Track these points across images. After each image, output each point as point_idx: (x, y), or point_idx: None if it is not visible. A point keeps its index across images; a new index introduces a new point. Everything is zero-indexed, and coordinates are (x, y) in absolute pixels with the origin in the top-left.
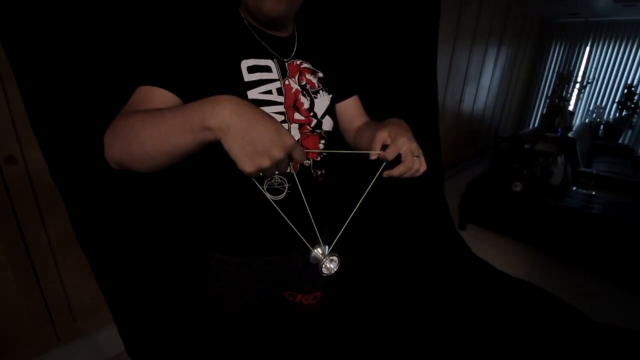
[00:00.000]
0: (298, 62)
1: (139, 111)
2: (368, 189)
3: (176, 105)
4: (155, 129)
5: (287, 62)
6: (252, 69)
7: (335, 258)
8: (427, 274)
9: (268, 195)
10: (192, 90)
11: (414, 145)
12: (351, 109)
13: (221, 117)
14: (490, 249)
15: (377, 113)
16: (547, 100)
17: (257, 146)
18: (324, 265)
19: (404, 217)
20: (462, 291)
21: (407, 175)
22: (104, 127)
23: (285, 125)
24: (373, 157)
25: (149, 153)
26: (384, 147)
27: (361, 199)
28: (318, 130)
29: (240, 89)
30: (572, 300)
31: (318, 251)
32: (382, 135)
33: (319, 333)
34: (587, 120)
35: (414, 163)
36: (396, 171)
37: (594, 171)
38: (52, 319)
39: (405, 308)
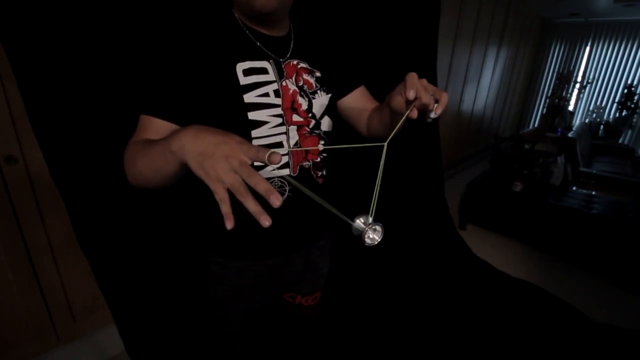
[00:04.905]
0: (295, 62)
1: (137, 142)
2: (396, 130)
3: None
4: (145, 158)
5: (283, 62)
6: (247, 72)
7: (378, 227)
8: (427, 273)
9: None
10: (188, 106)
11: (424, 81)
12: (358, 100)
13: (178, 139)
14: (490, 249)
15: None
16: (547, 100)
17: (207, 154)
18: (367, 236)
19: (404, 216)
20: (462, 291)
21: (431, 106)
22: (104, 127)
23: (284, 128)
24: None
25: (146, 178)
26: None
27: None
28: (317, 131)
29: (236, 92)
30: (572, 300)
31: (360, 221)
32: (396, 92)
33: (319, 333)
34: (587, 120)
35: (431, 94)
36: (415, 109)
37: (594, 171)
38: (52, 319)
39: (405, 308)
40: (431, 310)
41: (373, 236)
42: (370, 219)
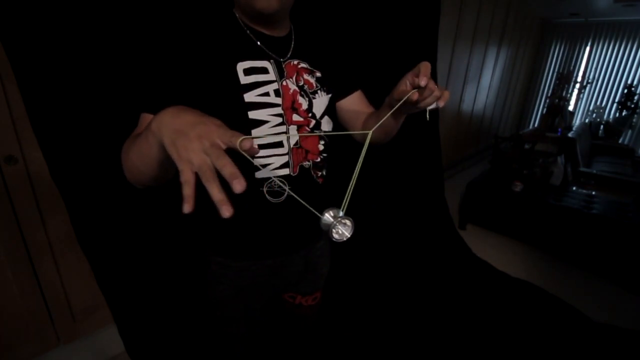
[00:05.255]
0: (295, 62)
1: (132, 135)
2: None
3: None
4: (134, 146)
5: (284, 62)
6: (248, 71)
7: (348, 222)
8: (427, 273)
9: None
10: (189, 98)
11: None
12: (355, 104)
13: (159, 117)
14: (490, 249)
15: None
16: (547, 100)
17: (181, 132)
18: (334, 230)
19: (404, 216)
20: (462, 291)
21: (430, 101)
22: (103, 127)
23: (284, 127)
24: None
25: (138, 168)
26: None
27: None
28: (317, 131)
29: (236, 92)
30: (572, 300)
31: (329, 214)
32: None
33: (319, 333)
34: (587, 120)
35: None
36: (422, 103)
37: (594, 171)
38: (52, 319)
39: (405, 308)
40: (431, 310)
41: (342, 231)
42: (341, 213)
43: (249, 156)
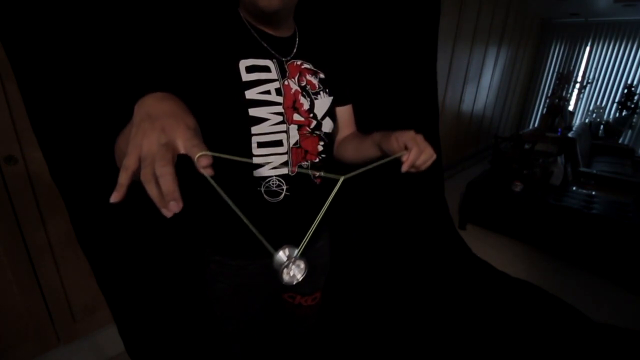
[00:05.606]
0: (298, 62)
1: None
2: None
3: None
4: (124, 135)
5: (286, 62)
6: (250, 69)
7: (302, 264)
8: (427, 273)
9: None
10: (190, 95)
11: (419, 138)
12: (343, 117)
13: (142, 99)
14: (490, 249)
15: (377, 113)
16: (547, 100)
17: (151, 117)
18: (285, 271)
19: (404, 216)
20: (462, 291)
21: (420, 163)
22: (104, 127)
23: (284, 126)
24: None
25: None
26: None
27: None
28: (317, 132)
29: (238, 88)
30: (572, 300)
31: (284, 252)
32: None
33: (319, 333)
34: (587, 120)
35: (422, 151)
36: (407, 163)
37: (594, 171)
38: (52, 319)
39: (405, 308)
40: (431, 310)
41: (294, 273)
42: (296, 252)
43: (204, 173)
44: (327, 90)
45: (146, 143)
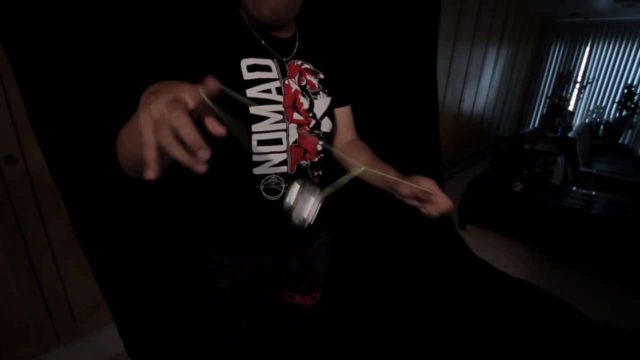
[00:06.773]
0: (299, 62)
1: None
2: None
3: None
4: (127, 127)
5: (287, 62)
6: (251, 68)
7: (313, 198)
8: (427, 274)
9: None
10: None
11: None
12: (342, 118)
13: (153, 85)
14: (490, 249)
15: (377, 113)
16: (547, 100)
17: (154, 92)
18: (296, 201)
19: (404, 216)
20: (462, 291)
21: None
22: (104, 127)
23: (284, 125)
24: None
25: (131, 151)
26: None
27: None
28: (317, 131)
29: (239, 87)
30: (572, 300)
31: (295, 187)
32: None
33: (318, 333)
34: (587, 120)
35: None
36: (434, 212)
37: (594, 171)
38: (52, 319)
39: (405, 308)
40: (431, 310)
41: (302, 208)
42: (315, 193)
43: (209, 101)
44: (326, 90)
45: (154, 108)
